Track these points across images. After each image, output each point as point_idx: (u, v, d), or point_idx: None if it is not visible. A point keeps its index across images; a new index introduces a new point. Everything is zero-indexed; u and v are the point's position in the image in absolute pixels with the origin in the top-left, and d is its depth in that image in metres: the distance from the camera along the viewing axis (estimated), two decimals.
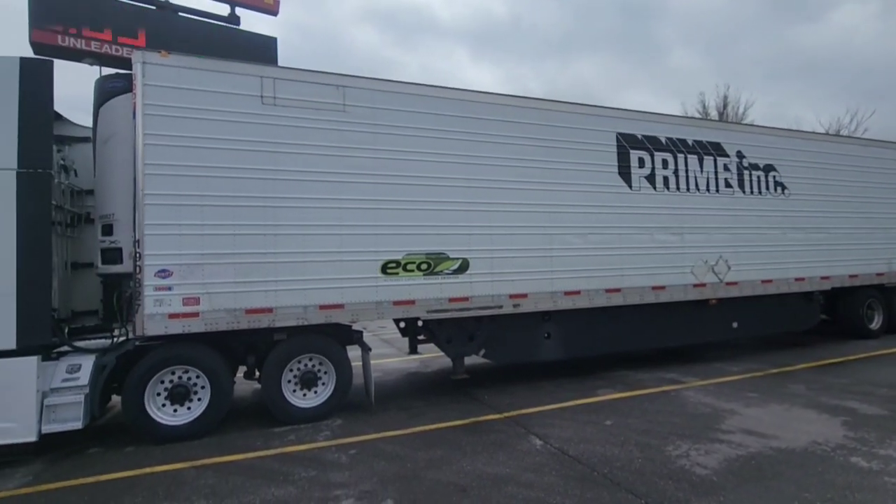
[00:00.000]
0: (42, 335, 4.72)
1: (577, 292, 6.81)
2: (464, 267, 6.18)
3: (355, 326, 6.05)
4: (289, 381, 5.56)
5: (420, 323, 6.79)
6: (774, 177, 8.53)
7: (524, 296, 6.50)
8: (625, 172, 7.28)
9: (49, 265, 4.89)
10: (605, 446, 4.64)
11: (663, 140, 7.62)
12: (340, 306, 5.60)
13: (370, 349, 6.04)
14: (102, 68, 7.71)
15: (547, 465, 4.28)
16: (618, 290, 7.07)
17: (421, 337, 7.08)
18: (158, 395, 5.10)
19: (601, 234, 7.01)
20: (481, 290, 6.27)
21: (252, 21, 10.44)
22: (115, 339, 5.43)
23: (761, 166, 8.42)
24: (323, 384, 5.70)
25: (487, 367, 7.70)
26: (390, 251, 5.84)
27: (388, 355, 9.39)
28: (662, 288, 7.39)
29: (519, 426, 5.27)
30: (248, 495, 3.85)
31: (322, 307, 5.52)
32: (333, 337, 5.80)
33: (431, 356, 8.58)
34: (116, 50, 8.73)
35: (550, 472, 4.11)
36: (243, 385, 6.21)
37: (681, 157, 7.74)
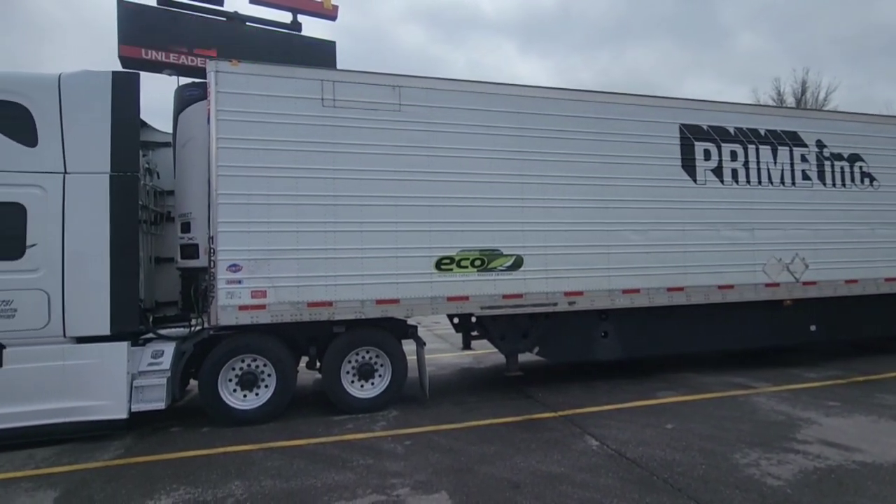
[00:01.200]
0: (131, 323, 5.21)
1: (637, 290, 6.57)
2: (518, 263, 6.15)
3: (410, 321, 6.19)
4: (347, 373, 5.79)
5: (473, 319, 6.81)
6: (861, 167, 7.79)
7: (580, 293, 6.36)
8: (689, 165, 6.93)
9: (137, 260, 5.38)
10: (666, 450, 4.47)
11: (732, 130, 7.18)
12: (396, 301, 5.75)
13: (425, 344, 6.16)
14: (180, 78, 8.35)
15: (603, 466, 4.19)
16: (680, 289, 6.75)
17: (474, 333, 7.09)
18: (230, 381, 5.48)
19: (662, 231, 6.73)
20: (535, 286, 6.21)
21: (307, 25, 10.85)
22: (193, 328, 5.88)
23: (845, 156, 7.72)
24: (379, 376, 5.89)
25: (541, 365, 7.61)
26: (444, 247, 5.92)
27: (441, 350, 9.51)
28: (730, 287, 6.98)
29: (574, 425, 5.18)
30: (310, 478, 4.06)
31: (378, 302, 5.70)
32: (389, 331, 5.96)
33: (485, 352, 8.60)
34: (192, 60, 9.46)
35: (607, 474, 4.02)
36: (305, 374, 6.52)
37: (752, 147, 7.25)
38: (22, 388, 4.80)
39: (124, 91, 5.31)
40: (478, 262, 6.03)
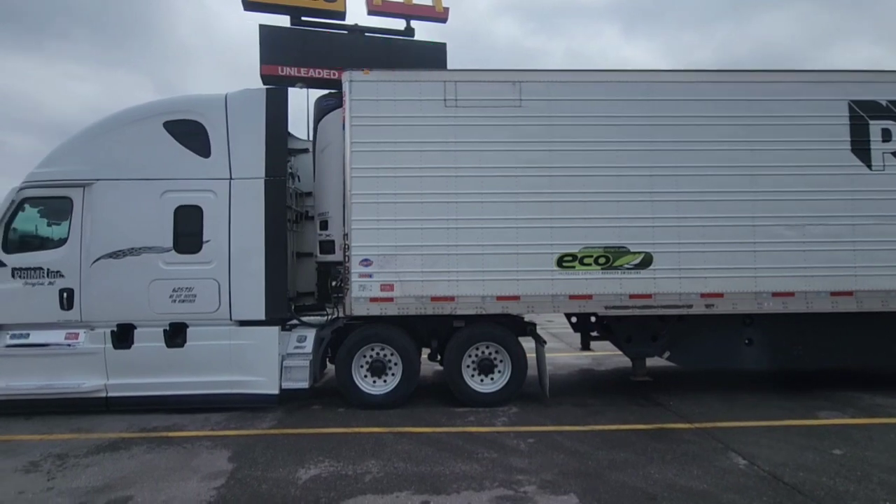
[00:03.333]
0: (281, 310, 5.89)
1: (790, 294, 5.76)
2: (646, 261, 5.75)
3: (528, 318, 6.13)
4: (468, 366, 5.91)
5: (593, 319, 6.55)
6: None
7: (719, 295, 5.75)
8: (861, 149, 5.89)
9: (286, 254, 6.04)
10: (835, 479, 3.86)
11: None
12: (516, 298, 5.73)
13: (545, 342, 6.06)
14: (309, 90, 9.22)
15: (754, 488, 3.75)
16: (849, 294, 5.77)
17: (594, 333, 6.82)
18: (361, 367, 5.91)
19: (825, 225, 5.80)
20: (667, 286, 5.75)
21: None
22: (329, 317, 6.46)
23: None
24: (499, 372, 5.92)
25: (671, 371, 7.06)
26: (566, 244, 5.75)
27: (557, 349, 9.27)
28: None
29: (714, 440, 4.72)
30: (438, 465, 4.23)
31: (499, 298, 5.72)
32: (508, 327, 5.97)
33: (604, 353, 8.21)
34: (319, 73, 10.42)
35: (760, 498, 3.59)
36: (425, 366, 6.79)
37: None
38: (200, 362, 5.68)
39: (276, 105, 6.00)
40: (602, 260, 5.76)
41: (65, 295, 5.62)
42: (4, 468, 4.26)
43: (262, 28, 10.03)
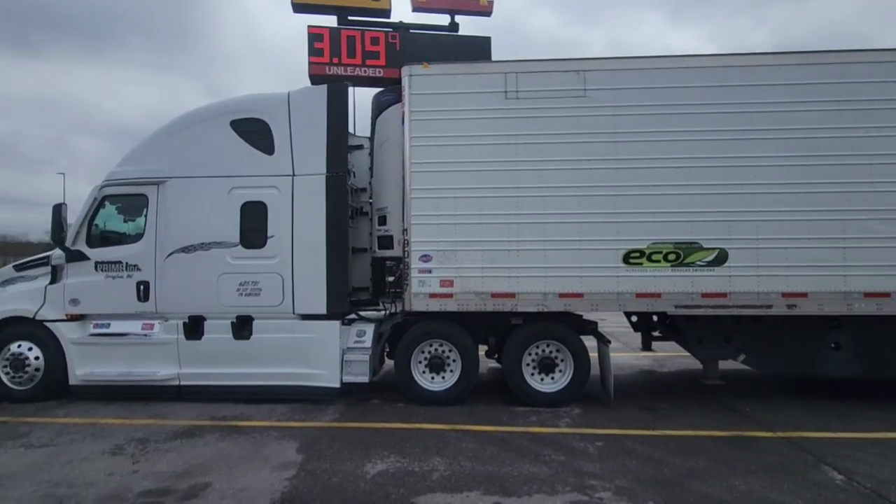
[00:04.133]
0: (342, 304, 5.95)
1: (886, 295, 5.28)
2: (721, 258, 5.42)
3: (587, 317, 5.93)
4: (528, 365, 5.78)
5: (655, 318, 6.26)
6: None
7: (803, 295, 5.35)
8: None
9: (346, 249, 6.10)
10: None
11: None
12: (579, 295, 5.54)
13: (609, 342, 5.84)
14: (355, 88, 9.28)
15: None
16: None
17: (656, 333, 6.53)
18: (420, 362, 5.89)
19: None
20: (743, 285, 5.40)
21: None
22: (386, 312, 6.49)
23: None
24: (560, 371, 5.76)
25: (743, 375, 6.65)
26: (633, 240, 5.50)
27: (615, 349, 8.85)
28: None
29: (802, 451, 4.38)
30: (505, 466, 4.13)
31: (561, 295, 5.55)
32: (569, 325, 5.79)
33: (665, 354, 7.87)
34: (364, 71, 10.51)
35: None
36: (481, 363, 6.68)
37: None
38: (265, 354, 5.83)
39: (336, 102, 6.03)
40: (672, 257, 5.47)
41: (141, 287, 5.91)
42: (94, 450, 4.52)
43: (311, 28, 10.21)
